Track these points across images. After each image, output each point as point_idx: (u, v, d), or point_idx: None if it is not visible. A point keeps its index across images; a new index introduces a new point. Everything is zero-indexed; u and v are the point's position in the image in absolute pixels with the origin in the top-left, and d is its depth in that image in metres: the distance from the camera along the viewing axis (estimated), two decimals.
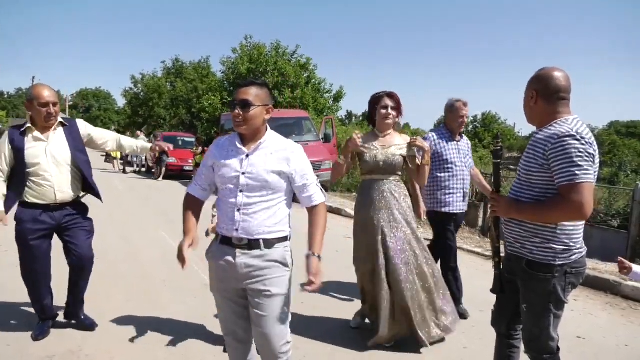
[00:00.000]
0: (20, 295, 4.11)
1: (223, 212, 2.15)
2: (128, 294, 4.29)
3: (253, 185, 2.08)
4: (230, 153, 2.15)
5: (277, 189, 2.12)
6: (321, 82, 24.27)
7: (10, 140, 3.10)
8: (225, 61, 24.80)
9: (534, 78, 2.17)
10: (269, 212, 2.10)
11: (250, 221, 2.08)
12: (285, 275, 2.16)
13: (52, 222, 3.20)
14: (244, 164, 2.10)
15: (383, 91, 3.36)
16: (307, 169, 2.19)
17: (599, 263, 5.99)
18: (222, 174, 2.13)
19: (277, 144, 2.17)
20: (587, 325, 4.06)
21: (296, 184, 2.16)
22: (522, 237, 2.18)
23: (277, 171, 2.10)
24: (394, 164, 3.29)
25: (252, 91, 2.09)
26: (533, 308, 2.19)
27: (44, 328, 3.34)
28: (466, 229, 9.65)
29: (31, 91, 3.14)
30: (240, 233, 2.08)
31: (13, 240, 3.24)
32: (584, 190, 1.91)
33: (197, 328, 3.62)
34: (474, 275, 5.45)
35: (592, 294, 4.93)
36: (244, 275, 2.10)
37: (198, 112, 26.45)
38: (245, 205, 2.08)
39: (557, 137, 1.97)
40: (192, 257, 5.96)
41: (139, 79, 33.61)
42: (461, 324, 3.91)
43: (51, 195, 3.14)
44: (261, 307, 2.10)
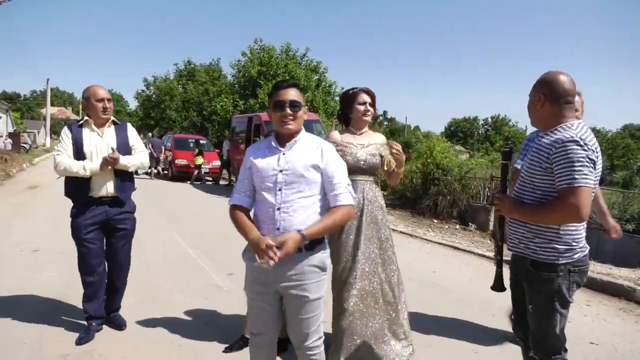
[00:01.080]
0: (36, 295, 4.19)
1: (262, 213, 2.17)
2: (140, 295, 4.33)
3: (290, 181, 2.11)
4: (267, 153, 2.20)
5: (312, 185, 2.14)
6: (331, 85, 24.30)
7: (69, 130, 3.35)
8: (236, 64, 24.94)
9: (541, 81, 2.18)
10: (308, 210, 2.12)
11: (290, 219, 2.10)
12: (322, 279, 2.21)
13: (103, 217, 3.37)
14: (280, 161, 2.15)
15: (357, 87, 3.19)
16: (338, 168, 2.20)
17: (612, 268, 5.93)
18: (260, 173, 2.17)
19: (312, 142, 2.23)
20: (600, 330, 4.02)
21: (325, 179, 2.16)
22: (525, 238, 2.22)
23: (313, 165, 2.14)
24: (374, 164, 3.12)
25: (296, 92, 2.17)
26: (539, 308, 2.21)
27: (89, 331, 3.38)
28: (477, 232, 9.61)
29: (87, 91, 3.36)
30: (281, 232, 2.09)
31: (29, 241, 3.28)
32: (582, 193, 1.96)
33: (209, 328, 3.65)
34: (485, 279, 5.42)
35: (605, 300, 4.88)
36: (282, 279, 2.14)
37: (209, 115, 26.59)
38: (284, 203, 2.11)
39: (561, 142, 2.02)
40: (203, 258, 6.03)
41: (151, 81, 33.93)
42: (472, 329, 3.90)
43: (102, 189, 3.33)
44: (298, 310, 2.17)
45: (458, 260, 6.58)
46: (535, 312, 2.23)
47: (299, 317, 2.18)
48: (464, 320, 4.10)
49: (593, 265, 5.94)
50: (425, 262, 6.30)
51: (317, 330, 2.25)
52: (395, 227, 8.87)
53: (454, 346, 3.55)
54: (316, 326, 2.23)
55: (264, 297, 2.20)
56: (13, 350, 3.17)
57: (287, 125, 2.15)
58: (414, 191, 11.53)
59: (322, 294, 2.22)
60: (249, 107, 21.87)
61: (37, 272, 4.85)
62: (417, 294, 4.76)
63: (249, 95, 23.12)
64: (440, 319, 4.11)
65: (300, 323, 2.19)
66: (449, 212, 10.46)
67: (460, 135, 66.97)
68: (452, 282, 5.33)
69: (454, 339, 3.68)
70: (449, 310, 4.34)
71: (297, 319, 2.19)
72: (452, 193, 10.56)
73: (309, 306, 2.17)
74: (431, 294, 4.83)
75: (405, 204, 11.59)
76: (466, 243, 7.92)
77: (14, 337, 3.34)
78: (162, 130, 31.34)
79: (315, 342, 2.25)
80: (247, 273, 2.26)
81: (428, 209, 10.67)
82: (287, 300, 2.19)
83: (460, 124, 72.26)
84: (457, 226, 9.97)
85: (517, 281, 2.38)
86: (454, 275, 5.67)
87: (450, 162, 11.33)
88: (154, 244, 6.52)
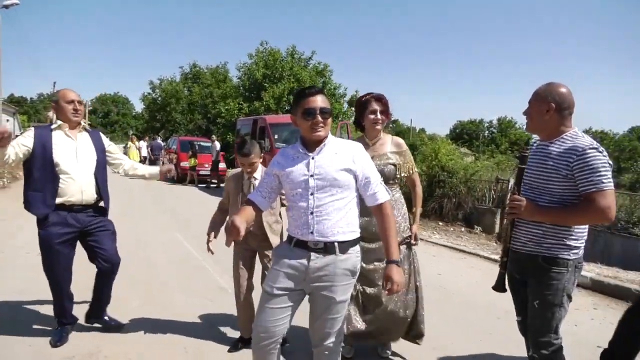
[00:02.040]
0: (42, 297, 4.20)
1: (296, 217, 2.19)
2: (145, 297, 4.34)
3: (322, 185, 2.13)
4: (295, 159, 2.22)
5: (345, 187, 2.16)
6: (337, 88, 24.31)
7: (36, 135, 3.14)
8: (241, 67, 25.01)
9: (551, 92, 2.28)
10: (341, 213, 2.15)
11: (324, 223, 2.12)
12: (351, 282, 2.24)
13: (78, 226, 3.23)
14: (310, 166, 2.16)
15: (370, 93, 3.10)
16: (371, 167, 2.24)
17: (620, 271, 5.88)
18: (291, 179, 2.18)
19: (340, 144, 2.24)
20: (607, 334, 3.95)
21: (361, 181, 2.20)
22: (537, 237, 2.30)
23: (345, 169, 2.16)
24: (386, 173, 3.02)
25: (324, 98, 2.19)
26: (546, 303, 2.27)
27: (62, 334, 3.35)
28: (483, 235, 9.57)
29: (56, 94, 3.33)
30: (316, 236, 2.12)
31: (34, 243, 3.29)
32: (610, 196, 2.13)
33: (213, 330, 3.65)
34: (490, 282, 5.38)
35: (613, 303, 4.83)
36: (313, 279, 2.16)
37: (214, 117, 26.68)
38: (318, 207, 2.12)
39: (581, 150, 2.16)
40: (207, 260, 6.02)
41: (157, 84, 34.10)
42: (478, 332, 3.88)
43: (77, 194, 3.17)
44: (323, 310, 2.22)
45: (463, 263, 6.55)
46: (541, 307, 2.29)
47: (323, 316, 2.22)
48: (469, 323, 4.08)
49: (600, 269, 5.90)
50: (431, 265, 6.27)
51: (339, 332, 2.29)
52: None
53: (459, 349, 3.53)
54: (338, 327, 2.28)
55: (288, 294, 2.20)
56: (18, 352, 3.18)
57: (318, 132, 2.16)
58: None
59: (347, 297, 2.25)
60: (254, 110, 21.92)
61: (42, 273, 4.86)
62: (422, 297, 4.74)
63: (254, 97, 23.19)
64: (445, 322, 4.08)
65: (324, 322, 2.24)
66: (454, 214, 10.43)
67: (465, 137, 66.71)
68: (458, 284, 5.30)
69: (459, 342, 3.66)
70: (454, 313, 4.31)
71: (322, 318, 2.23)
72: (458, 195, 10.54)
73: (334, 307, 2.21)
74: (436, 297, 4.80)
75: (410, 207, 11.54)
76: (472, 246, 7.89)
77: (19, 339, 3.35)
78: (168, 133, 31.47)
79: (334, 343, 2.30)
80: (275, 269, 2.23)
81: (433, 212, 10.64)
82: (313, 300, 2.24)
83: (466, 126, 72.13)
84: (462, 229, 9.94)
85: (521, 281, 2.43)
86: (460, 278, 5.64)
87: (455, 165, 11.31)
88: (157, 245, 6.54)
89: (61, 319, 3.40)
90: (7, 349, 3.21)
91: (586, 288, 5.17)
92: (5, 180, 13.64)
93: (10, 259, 5.42)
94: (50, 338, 3.34)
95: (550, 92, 2.27)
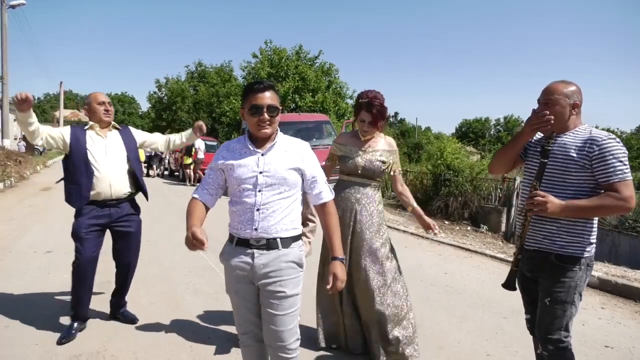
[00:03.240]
0: (49, 296, 4.24)
1: (239, 212, 2.17)
2: (152, 297, 4.36)
3: (271, 182, 2.12)
4: (243, 154, 2.18)
5: (293, 186, 2.17)
6: (342, 87, 24.29)
7: (72, 132, 3.42)
8: (246, 66, 25.04)
9: (573, 90, 2.28)
10: (286, 211, 2.15)
11: (269, 220, 2.11)
12: (299, 275, 2.21)
13: (107, 219, 3.45)
14: (260, 163, 2.15)
15: (366, 96, 3.11)
16: (317, 167, 2.26)
17: (627, 270, 5.83)
18: (238, 175, 2.16)
19: (289, 143, 2.24)
20: (615, 334, 3.96)
21: (307, 180, 2.22)
22: (552, 234, 2.28)
23: (294, 167, 2.16)
24: (374, 170, 3.15)
25: (273, 95, 2.15)
26: (557, 301, 2.26)
27: (71, 331, 3.40)
28: (489, 234, 9.53)
29: (88, 97, 3.53)
30: (259, 232, 2.11)
31: (42, 242, 3.32)
32: (631, 185, 2.16)
33: (220, 330, 3.66)
34: (497, 281, 5.37)
35: (620, 302, 4.80)
36: (261, 276, 2.14)
37: (219, 117, 26.73)
38: (264, 204, 2.11)
39: (601, 140, 2.16)
40: (213, 259, 6.02)
41: (163, 82, 34.20)
42: (484, 332, 3.86)
43: (107, 190, 3.40)
44: (275, 306, 2.15)
45: (469, 262, 6.53)
46: (553, 305, 2.27)
47: (274, 313, 2.15)
48: (476, 323, 4.06)
49: (608, 268, 5.86)
50: (437, 264, 6.26)
51: (294, 331, 2.21)
52: (405, 228, 8.82)
53: (465, 348, 3.52)
54: (293, 325, 2.20)
55: (245, 295, 2.20)
56: (25, 350, 3.20)
57: (264, 129, 2.13)
58: (424, 192, 11.47)
59: (298, 290, 2.21)
60: None
61: (51, 273, 4.91)
62: (429, 296, 4.73)
63: None
64: (452, 321, 4.07)
65: (277, 321, 2.15)
66: (460, 213, 10.40)
67: (471, 136, 66.61)
68: (464, 284, 5.28)
69: (466, 342, 3.64)
70: (461, 312, 4.30)
71: (274, 316, 2.15)
72: (463, 194, 10.50)
73: (286, 302, 2.15)
74: (443, 296, 4.79)
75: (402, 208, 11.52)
76: (478, 245, 7.85)
77: (26, 337, 3.38)
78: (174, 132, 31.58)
79: (292, 345, 2.21)
80: (227, 273, 2.25)
81: (439, 211, 10.61)
82: (264, 297, 2.17)
83: (472, 125, 71.84)
84: (468, 228, 9.90)
85: (532, 279, 2.41)
86: (466, 277, 5.62)
87: (461, 163, 11.27)
88: (165, 244, 6.56)
89: (76, 311, 3.45)
90: (14, 348, 3.23)
91: (594, 287, 5.13)
92: (12, 179, 13.75)
93: (18, 258, 5.46)
94: (59, 335, 3.37)
95: (573, 91, 2.27)
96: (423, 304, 4.45)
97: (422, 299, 4.58)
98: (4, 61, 19.90)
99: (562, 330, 2.26)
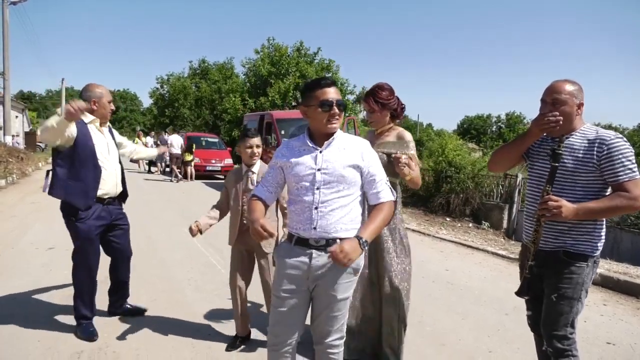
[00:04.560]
0: (52, 293, 4.25)
1: (298, 211, 2.15)
2: (153, 293, 4.36)
3: (329, 180, 2.10)
4: (302, 152, 2.18)
5: (352, 184, 2.13)
6: (343, 83, 24.28)
7: (77, 126, 3.18)
8: (247, 63, 25.02)
9: (579, 89, 2.26)
10: (345, 210, 2.11)
11: (328, 219, 2.09)
12: (353, 280, 2.20)
13: (109, 218, 3.42)
14: (318, 160, 2.12)
15: (370, 89, 3.08)
16: (378, 165, 2.20)
17: (629, 267, 5.82)
18: (296, 172, 2.14)
19: (348, 140, 2.20)
20: (617, 330, 3.96)
21: (367, 178, 2.17)
22: (563, 233, 2.27)
23: (353, 165, 2.12)
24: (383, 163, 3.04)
25: (338, 91, 2.16)
26: (563, 297, 2.25)
27: (92, 328, 3.40)
28: (490, 231, 9.53)
29: (94, 90, 3.35)
30: (318, 232, 2.09)
31: (44, 239, 3.31)
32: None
33: (222, 327, 3.66)
34: (498, 278, 5.37)
35: (622, 299, 4.80)
36: (316, 277, 2.13)
37: (220, 113, 26.73)
38: (323, 202, 2.09)
39: (609, 140, 2.15)
40: (215, 256, 6.04)
41: (165, 79, 34.18)
42: (486, 328, 3.86)
43: (113, 188, 3.40)
44: (324, 307, 2.17)
45: (471, 258, 6.53)
46: (559, 301, 2.27)
47: (324, 313, 2.18)
48: (478, 320, 4.06)
49: (610, 264, 5.85)
50: (439, 261, 6.26)
51: (339, 329, 2.24)
52: (407, 225, 8.81)
53: (467, 345, 3.52)
54: (339, 325, 2.22)
55: (294, 295, 2.18)
56: (28, 347, 3.21)
57: (333, 124, 2.13)
58: (426, 189, 11.45)
59: (349, 294, 2.21)
60: (260, 106, 21.92)
61: (53, 269, 4.91)
62: (431, 293, 4.73)
63: (260, 94, 23.20)
64: (453, 318, 4.07)
65: (325, 319, 2.19)
66: (462, 210, 10.39)
67: (473, 132, 66.50)
68: (465, 280, 5.28)
69: (468, 338, 3.64)
70: (463, 309, 4.30)
71: (322, 314, 2.19)
72: (465, 191, 10.48)
73: (336, 305, 2.17)
74: (444, 293, 4.79)
75: (417, 202, 11.52)
76: (479, 241, 7.85)
77: (28, 334, 3.39)
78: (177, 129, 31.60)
79: (336, 341, 2.25)
80: (278, 272, 2.22)
81: (440, 207, 10.60)
82: (316, 297, 2.20)
83: (473, 122, 71.70)
84: (470, 224, 9.90)
85: (537, 275, 2.38)
86: (467, 273, 5.62)
87: (462, 160, 11.24)
88: (166, 241, 6.57)
89: (87, 312, 3.40)
90: (17, 345, 3.24)
91: (595, 284, 5.12)
92: (14, 176, 13.77)
93: (21, 255, 5.46)
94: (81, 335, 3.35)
95: (578, 90, 2.26)
96: (425, 300, 4.45)
97: (424, 296, 4.58)
98: (5, 57, 19.91)
99: (567, 326, 2.25)
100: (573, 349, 2.27)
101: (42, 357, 3.09)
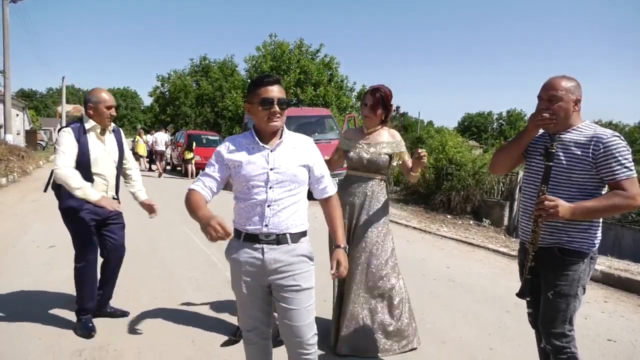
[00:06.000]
0: (53, 291, 4.25)
1: (248, 208, 2.14)
2: (154, 292, 4.37)
3: (282, 180, 2.12)
4: (251, 150, 2.15)
5: (302, 183, 2.18)
6: (344, 80, 24.26)
7: (76, 137, 3.25)
8: (249, 59, 25.00)
9: (575, 86, 2.25)
10: (295, 207, 2.15)
11: (280, 216, 2.11)
12: (311, 269, 2.21)
13: (102, 214, 3.38)
14: (270, 159, 2.13)
15: (373, 86, 3.21)
16: (323, 162, 2.30)
17: (630, 264, 5.82)
18: (248, 171, 2.12)
19: (296, 139, 2.24)
20: (618, 327, 3.96)
21: (314, 175, 2.24)
22: (559, 230, 2.27)
23: (304, 164, 2.18)
24: (379, 163, 3.18)
25: (281, 88, 2.16)
26: (560, 294, 2.25)
27: (91, 324, 3.42)
28: (491, 228, 9.52)
29: (95, 95, 3.33)
30: (270, 229, 2.10)
31: (45, 238, 3.31)
32: (637, 182, 2.15)
33: (223, 325, 3.66)
34: (499, 275, 5.37)
35: (623, 296, 4.79)
36: (272, 271, 2.13)
37: (221, 111, 26.73)
38: (275, 201, 2.10)
39: (606, 138, 2.14)
40: (215, 254, 6.04)
41: (166, 77, 34.13)
42: (487, 326, 3.86)
43: (104, 193, 3.36)
44: (290, 301, 2.13)
45: (472, 256, 6.53)
46: (556, 298, 2.27)
47: (290, 308, 2.13)
48: (478, 317, 4.06)
49: (610, 261, 5.84)
50: (439, 258, 6.26)
51: (311, 325, 2.20)
52: (408, 222, 8.82)
53: (468, 343, 3.52)
54: (310, 320, 2.18)
55: (253, 291, 2.19)
56: (29, 345, 3.22)
57: (274, 122, 2.12)
58: (427, 187, 11.44)
59: (312, 284, 2.20)
60: None
61: (54, 268, 4.92)
62: (431, 290, 4.73)
63: None
64: (454, 315, 4.07)
65: (293, 315, 2.14)
66: (463, 207, 10.37)
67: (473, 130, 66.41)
68: (466, 278, 5.28)
69: (469, 336, 3.64)
70: (463, 307, 4.30)
71: (289, 311, 2.13)
72: (466, 188, 10.47)
73: (301, 295, 2.14)
74: (445, 290, 4.79)
75: (418, 200, 11.52)
76: (480, 239, 7.85)
77: (30, 332, 3.39)
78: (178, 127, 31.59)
79: (310, 340, 2.19)
80: (233, 269, 2.22)
81: (441, 205, 10.59)
82: (277, 293, 2.16)
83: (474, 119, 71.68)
84: (470, 222, 9.89)
85: (535, 273, 2.37)
86: (468, 271, 5.61)
87: (463, 157, 11.21)
88: (166, 239, 6.58)
89: (87, 305, 3.42)
90: (18, 343, 3.25)
91: (596, 281, 5.13)
92: (15, 174, 13.78)
93: (22, 253, 5.47)
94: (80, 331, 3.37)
95: (575, 86, 2.24)
96: (425, 298, 4.45)
97: (425, 294, 4.58)
98: (5, 56, 19.87)
99: (565, 323, 2.25)
100: (572, 346, 2.27)
101: (43, 355, 3.10)
